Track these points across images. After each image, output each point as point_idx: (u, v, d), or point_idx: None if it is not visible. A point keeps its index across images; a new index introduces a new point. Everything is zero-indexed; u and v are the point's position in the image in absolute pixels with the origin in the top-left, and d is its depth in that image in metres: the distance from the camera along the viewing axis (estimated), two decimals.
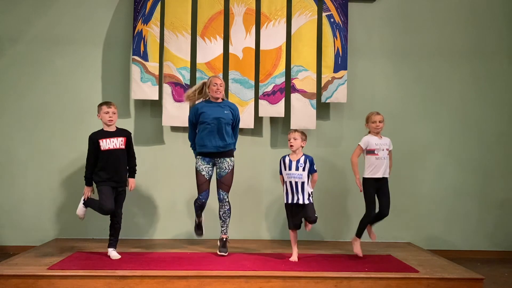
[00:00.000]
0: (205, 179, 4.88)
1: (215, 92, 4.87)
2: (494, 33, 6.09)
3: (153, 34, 5.68)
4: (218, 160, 4.89)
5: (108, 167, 4.59)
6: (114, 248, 4.72)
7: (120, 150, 4.66)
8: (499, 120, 6.07)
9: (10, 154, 5.77)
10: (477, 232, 6.01)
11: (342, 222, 5.89)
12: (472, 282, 4.27)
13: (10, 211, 5.74)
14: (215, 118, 4.82)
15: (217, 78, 4.94)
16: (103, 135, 4.64)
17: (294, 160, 4.71)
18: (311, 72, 5.76)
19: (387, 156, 4.90)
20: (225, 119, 4.86)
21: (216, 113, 4.84)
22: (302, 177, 4.64)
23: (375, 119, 4.91)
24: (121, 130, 4.77)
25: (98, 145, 4.59)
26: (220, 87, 4.89)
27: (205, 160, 4.88)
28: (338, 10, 5.82)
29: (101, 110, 4.67)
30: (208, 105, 4.90)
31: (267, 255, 4.95)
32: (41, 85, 5.80)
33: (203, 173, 4.87)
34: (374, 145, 4.87)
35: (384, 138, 4.96)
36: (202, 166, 4.88)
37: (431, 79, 6.05)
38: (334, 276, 4.22)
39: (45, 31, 5.82)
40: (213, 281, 4.16)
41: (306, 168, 4.66)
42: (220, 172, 4.90)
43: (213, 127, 4.81)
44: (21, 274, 4.13)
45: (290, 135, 4.74)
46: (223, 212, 4.95)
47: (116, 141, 4.64)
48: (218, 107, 4.88)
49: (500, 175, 6.04)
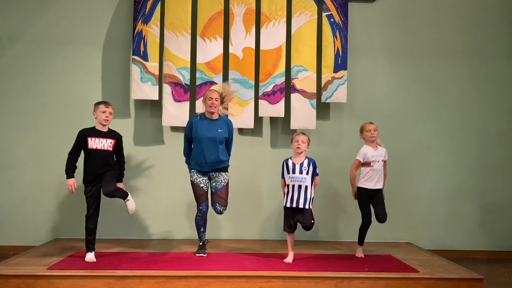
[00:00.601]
0: (204, 191, 4.86)
1: (209, 106, 4.78)
2: (494, 33, 6.09)
3: (153, 34, 5.68)
4: (213, 174, 4.87)
5: (92, 166, 4.54)
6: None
7: (106, 151, 4.59)
8: (499, 120, 6.07)
9: (10, 154, 5.77)
10: (477, 232, 6.01)
11: (342, 222, 5.89)
12: (472, 282, 4.27)
13: (10, 211, 5.74)
14: (208, 137, 4.76)
15: (213, 92, 4.82)
16: (93, 134, 4.58)
17: (297, 163, 4.64)
18: (311, 72, 5.76)
19: (382, 167, 4.90)
20: (219, 137, 4.80)
21: (210, 132, 4.78)
22: (305, 181, 4.59)
23: (369, 128, 4.91)
24: (112, 132, 4.70)
25: (85, 142, 4.54)
26: (216, 101, 4.77)
27: (200, 173, 4.86)
28: (338, 10, 5.82)
29: (98, 109, 4.60)
30: (202, 122, 4.83)
31: (267, 255, 4.95)
32: (41, 85, 5.80)
33: (201, 185, 4.85)
34: (370, 157, 4.87)
35: (379, 148, 4.95)
36: (198, 179, 4.86)
37: (431, 79, 6.06)
38: (334, 276, 4.22)
39: (45, 31, 5.82)
40: (213, 281, 4.16)
41: (310, 171, 4.62)
42: (216, 185, 4.86)
43: (207, 145, 4.76)
44: (21, 274, 4.12)
45: (299, 138, 4.66)
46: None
47: (105, 142, 4.58)
48: (213, 125, 4.81)
49: (500, 175, 6.05)
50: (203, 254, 4.88)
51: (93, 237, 4.59)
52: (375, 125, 4.95)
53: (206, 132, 4.77)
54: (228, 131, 4.88)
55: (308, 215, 4.59)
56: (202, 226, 4.90)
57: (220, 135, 4.80)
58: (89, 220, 4.55)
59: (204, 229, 4.92)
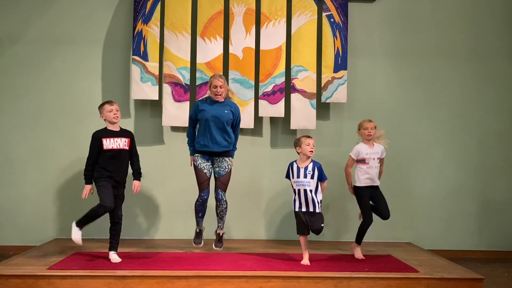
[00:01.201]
0: (207, 177, 4.86)
1: (215, 95, 4.82)
2: (494, 33, 6.09)
3: (153, 34, 5.68)
4: (217, 159, 4.88)
5: (109, 166, 4.51)
6: (115, 251, 4.61)
7: (123, 150, 4.59)
8: (499, 120, 6.07)
9: (10, 154, 5.77)
10: (477, 232, 6.01)
11: (342, 222, 5.89)
12: (472, 282, 4.27)
13: (10, 211, 5.74)
14: (214, 116, 4.78)
15: (217, 80, 4.81)
16: (107, 134, 4.56)
17: (302, 167, 4.61)
18: (311, 72, 5.76)
19: (377, 165, 4.90)
20: (225, 118, 4.81)
21: (216, 111, 4.80)
22: (310, 185, 4.55)
23: (367, 126, 4.89)
24: (124, 130, 4.72)
25: (101, 144, 4.51)
26: (220, 89, 4.79)
27: (204, 158, 4.87)
28: (338, 10, 5.82)
29: (104, 110, 4.59)
30: (208, 103, 4.87)
31: (267, 255, 4.95)
32: (41, 85, 5.80)
33: (204, 170, 4.85)
34: (364, 154, 4.87)
35: (376, 146, 4.93)
36: (202, 164, 4.86)
37: (431, 79, 6.05)
38: (334, 276, 4.22)
39: (45, 31, 5.82)
40: (213, 281, 4.16)
41: (315, 175, 4.58)
42: (220, 171, 4.88)
43: (213, 125, 4.78)
44: (21, 274, 4.12)
45: (310, 141, 4.59)
46: (220, 210, 4.94)
47: (120, 141, 4.57)
48: (219, 106, 4.84)
49: (500, 175, 6.04)
50: (200, 244, 4.92)
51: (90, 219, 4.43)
52: (374, 123, 4.92)
53: (212, 111, 4.79)
54: (234, 114, 4.88)
55: (318, 219, 4.56)
56: (200, 212, 4.91)
57: (226, 115, 4.81)
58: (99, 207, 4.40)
59: (202, 215, 4.93)
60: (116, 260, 4.53)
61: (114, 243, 4.62)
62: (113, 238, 4.62)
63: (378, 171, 4.91)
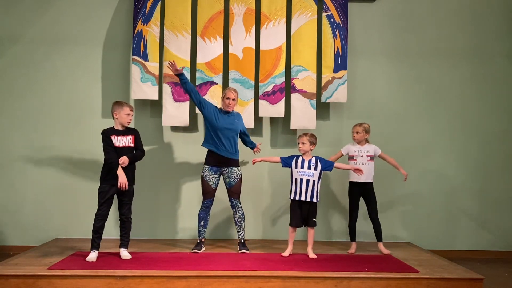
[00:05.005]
0: (212, 189, 5.01)
1: (226, 106, 5.02)
2: (494, 33, 6.09)
3: (153, 34, 5.68)
4: (226, 170, 5.00)
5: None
6: (126, 248, 4.75)
7: (129, 148, 4.69)
8: (499, 119, 6.07)
9: (10, 154, 5.76)
10: (477, 232, 6.01)
11: (342, 222, 5.88)
12: (472, 282, 4.27)
13: (10, 211, 5.74)
14: (225, 128, 4.98)
15: (232, 93, 5.05)
16: (114, 132, 4.69)
17: (306, 159, 4.92)
18: (311, 72, 5.76)
19: (368, 162, 5.09)
20: (235, 128, 5.04)
21: (227, 122, 5.01)
22: (313, 176, 4.83)
23: (352, 130, 5.19)
24: (129, 128, 4.80)
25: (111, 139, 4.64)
26: (233, 101, 5.04)
27: (212, 170, 4.98)
28: (338, 10, 5.82)
29: (122, 110, 4.67)
30: (222, 114, 5.04)
31: (267, 255, 4.95)
32: (41, 85, 5.80)
33: (210, 183, 4.99)
34: (353, 151, 5.16)
35: (367, 145, 5.17)
36: (209, 176, 4.98)
37: (431, 79, 6.05)
38: (334, 276, 4.22)
39: (45, 31, 5.82)
40: (213, 281, 4.16)
41: (318, 167, 4.85)
42: (230, 182, 5.02)
43: (222, 134, 4.96)
44: (21, 274, 4.12)
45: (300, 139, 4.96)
46: (238, 217, 5.10)
47: (125, 139, 4.69)
48: (229, 117, 5.07)
49: (500, 174, 6.05)
50: (197, 251, 4.95)
51: (98, 236, 4.61)
52: (361, 128, 5.13)
53: (225, 123, 5.00)
54: (241, 124, 5.18)
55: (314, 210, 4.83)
56: (203, 220, 5.04)
57: (237, 126, 5.08)
58: (97, 218, 4.59)
59: (204, 224, 5.06)
60: (127, 257, 4.67)
61: (125, 240, 4.76)
62: (123, 235, 4.76)
63: (369, 169, 5.08)
